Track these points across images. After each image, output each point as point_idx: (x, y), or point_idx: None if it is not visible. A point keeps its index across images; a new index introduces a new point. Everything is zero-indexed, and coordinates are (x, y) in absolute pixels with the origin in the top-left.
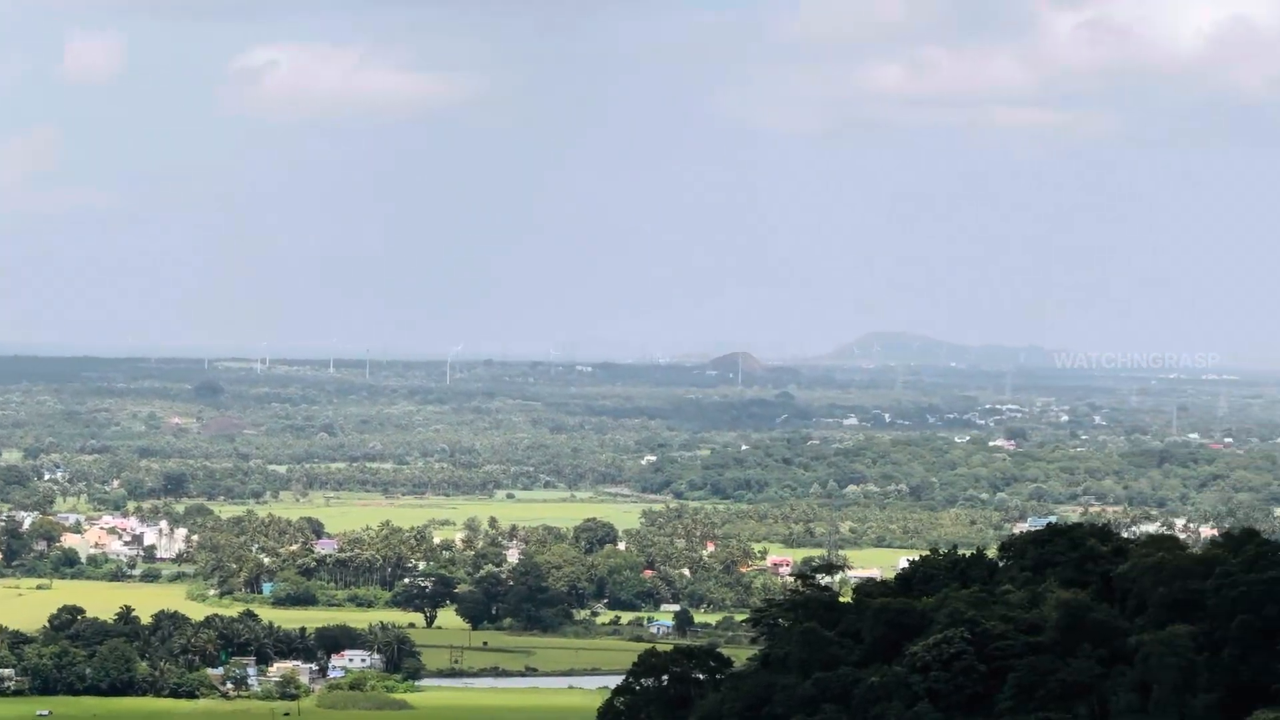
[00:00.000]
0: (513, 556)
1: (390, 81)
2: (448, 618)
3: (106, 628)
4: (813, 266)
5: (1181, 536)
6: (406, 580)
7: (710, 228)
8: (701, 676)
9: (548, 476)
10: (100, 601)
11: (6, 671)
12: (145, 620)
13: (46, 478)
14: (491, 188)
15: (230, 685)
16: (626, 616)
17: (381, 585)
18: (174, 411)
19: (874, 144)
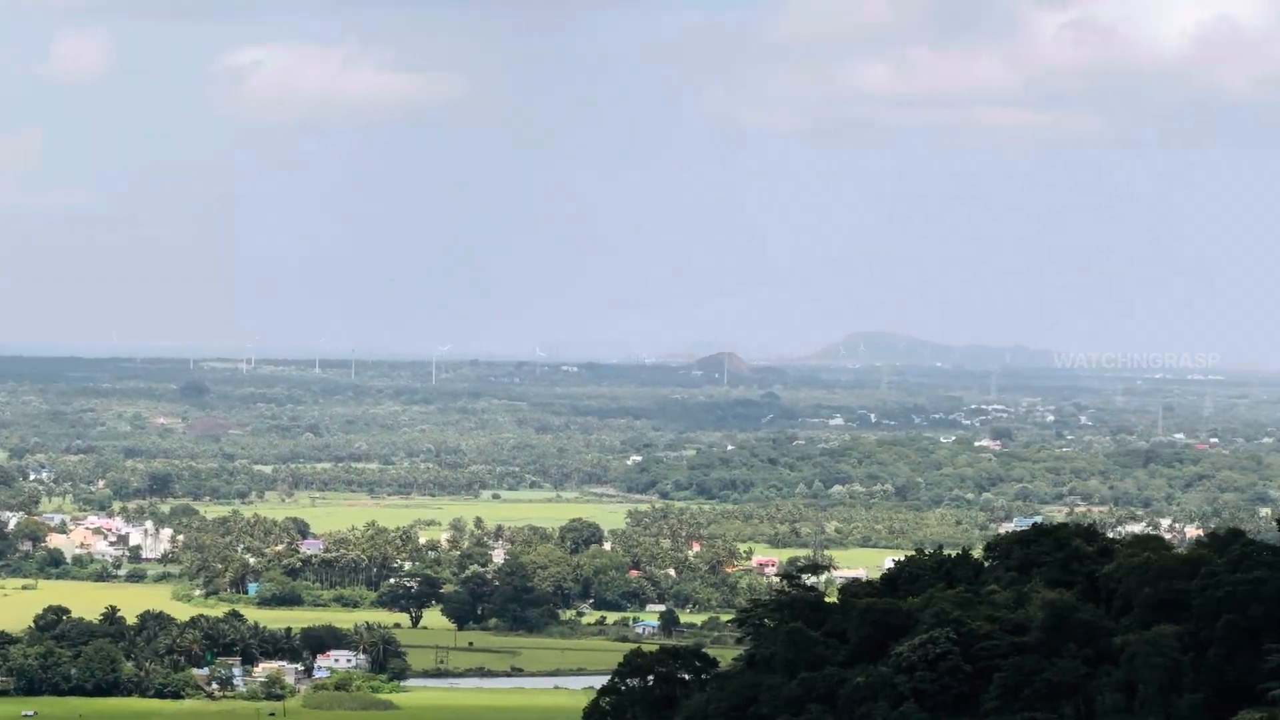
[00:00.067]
0: (498, 557)
1: (376, 82)
2: (433, 618)
3: (92, 628)
4: (799, 266)
5: (1167, 536)
6: (392, 580)
7: (696, 228)
8: (687, 677)
9: (533, 476)
10: (85, 602)
11: None
12: (130, 620)
13: (32, 478)
14: (478, 188)
15: (215, 685)
16: (612, 617)
17: (367, 585)
18: (159, 411)
19: (860, 144)
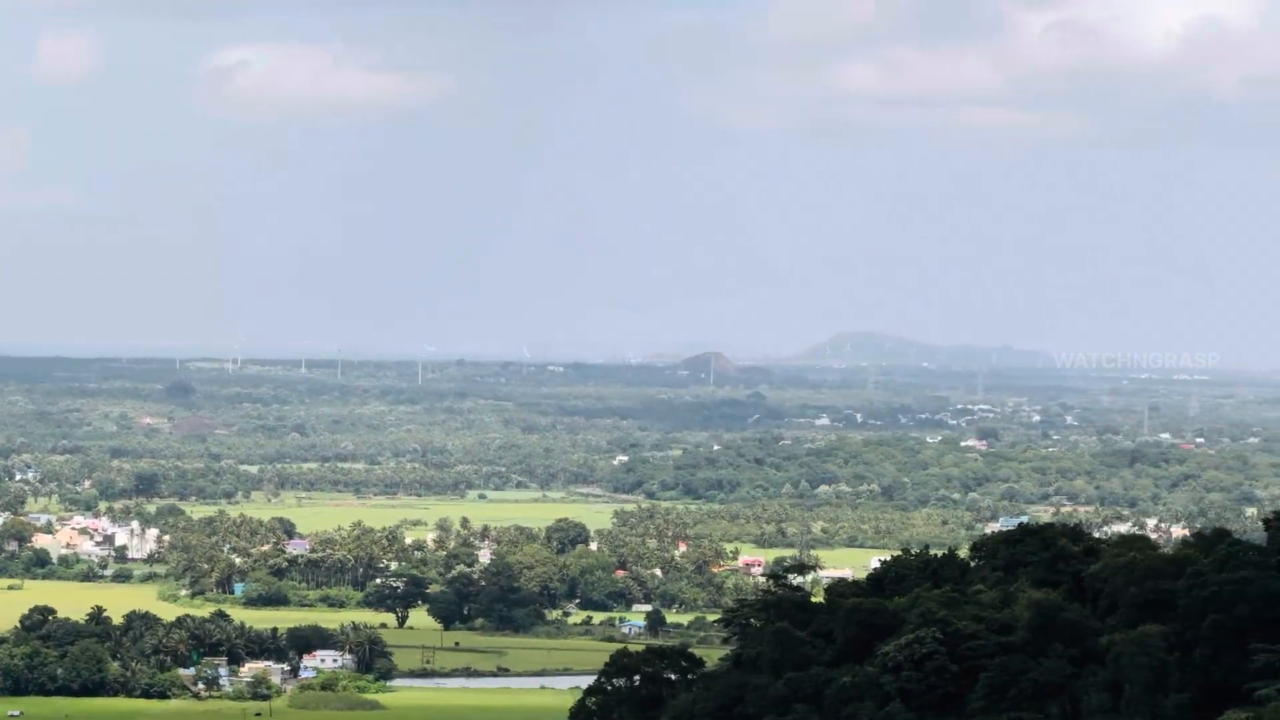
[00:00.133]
0: (484, 557)
1: (362, 81)
2: (419, 618)
3: (78, 628)
4: (785, 266)
5: (1153, 536)
6: (378, 580)
7: (683, 228)
8: (673, 677)
9: (520, 477)
10: (72, 602)
11: None
12: (117, 621)
13: (18, 478)
14: (464, 188)
15: (202, 685)
16: (598, 617)
17: (353, 585)
18: (145, 412)
19: (845, 144)
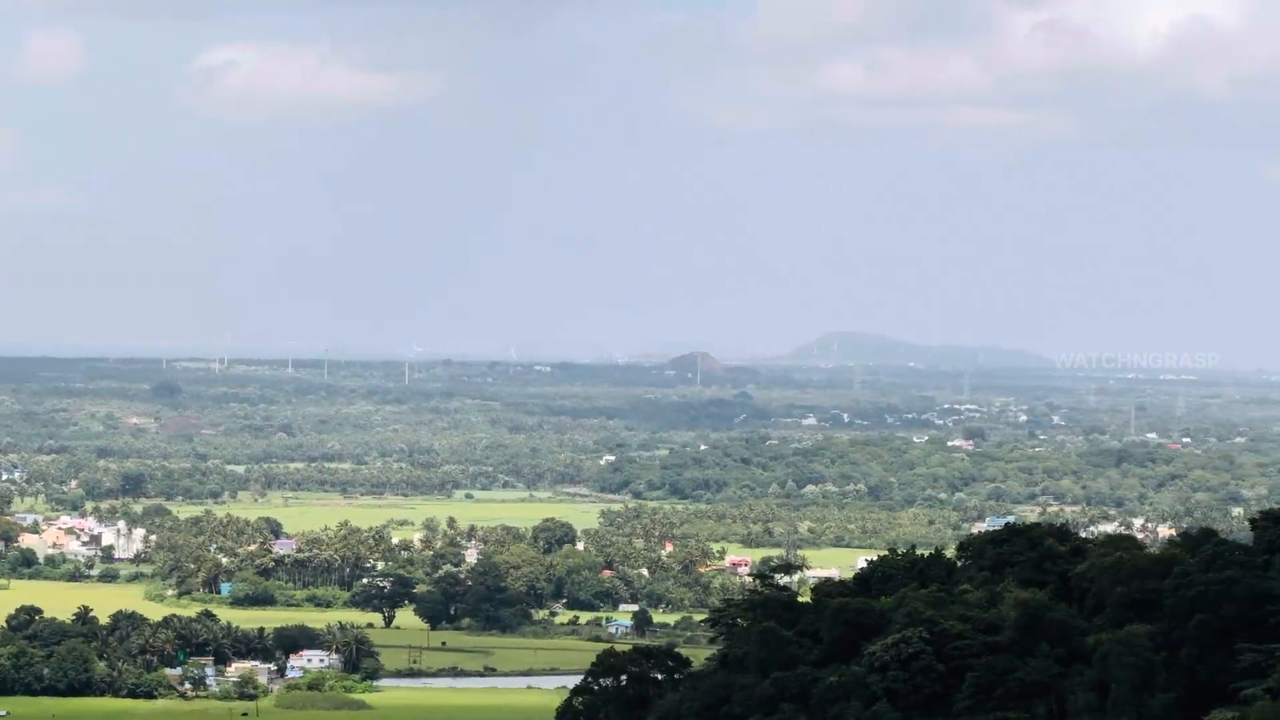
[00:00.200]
0: (471, 557)
1: (351, 81)
2: (406, 618)
3: (64, 628)
4: (772, 266)
5: (1139, 536)
6: (365, 580)
7: (672, 228)
8: (660, 676)
9: (506, 476)
10: (58, 602)
11: None
12: (103, 620)
13: (4, 478)
14: (451, 188)
15: (188, 685)
16: (585, 616)
17: (340, 585)
18: (132, 411)
19: (833, 144)
